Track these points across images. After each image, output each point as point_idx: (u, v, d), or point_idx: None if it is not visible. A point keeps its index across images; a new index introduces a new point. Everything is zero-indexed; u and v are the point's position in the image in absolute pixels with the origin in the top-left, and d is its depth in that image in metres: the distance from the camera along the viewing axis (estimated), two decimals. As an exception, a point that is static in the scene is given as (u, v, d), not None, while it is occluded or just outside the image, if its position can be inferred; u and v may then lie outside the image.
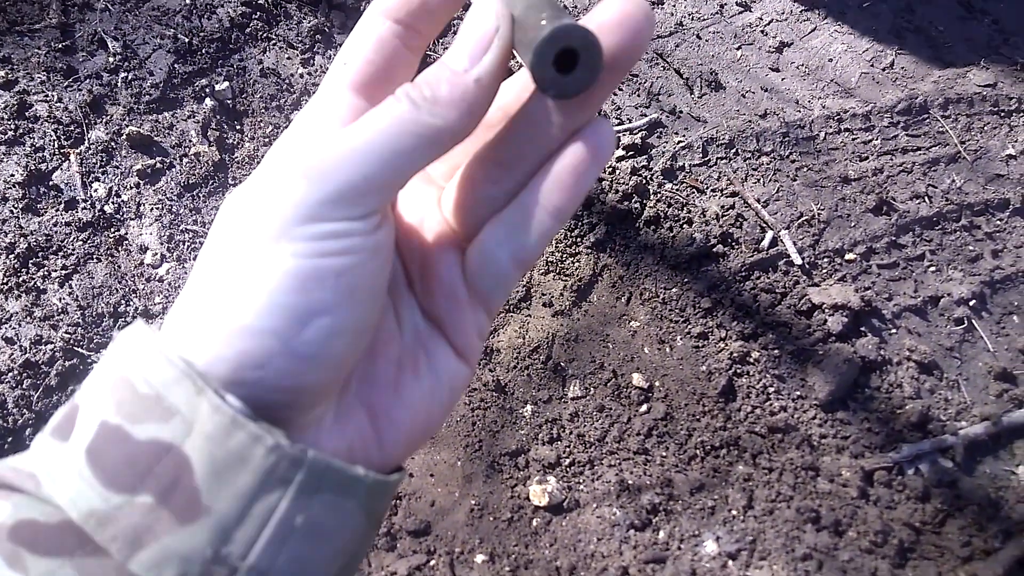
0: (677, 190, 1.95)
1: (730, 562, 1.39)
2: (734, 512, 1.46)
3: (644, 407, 1.60)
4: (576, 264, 1.79)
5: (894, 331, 1.75)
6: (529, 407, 1.59)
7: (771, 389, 1.62)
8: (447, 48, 0.35)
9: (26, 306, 1.52)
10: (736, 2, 2.39)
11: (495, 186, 0.38)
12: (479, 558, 1.37)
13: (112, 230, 1.66)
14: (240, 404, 0.32)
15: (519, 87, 0.40)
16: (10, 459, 0.34)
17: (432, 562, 1.35)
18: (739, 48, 2.31)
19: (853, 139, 2.18)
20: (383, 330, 0.39)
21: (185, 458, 0.31)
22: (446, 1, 0.35)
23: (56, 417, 0.34)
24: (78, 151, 1.73)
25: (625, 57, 0.34)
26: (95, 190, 1.69)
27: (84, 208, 1.66)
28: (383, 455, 0.38)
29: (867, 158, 2.13)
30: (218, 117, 1.85)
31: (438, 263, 0.40)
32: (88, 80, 1.82)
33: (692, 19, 2.34)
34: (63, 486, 0.31)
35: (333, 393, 0.36)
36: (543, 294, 1.74)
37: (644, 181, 1.93)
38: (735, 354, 1.65)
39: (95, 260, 1.61)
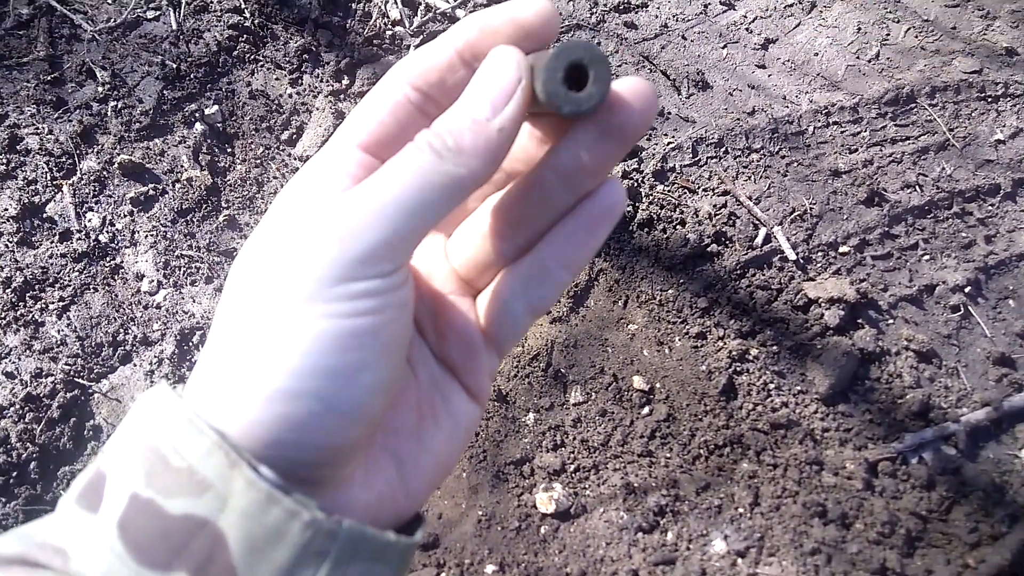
0: (669, 191, 1.96)
1: (739, 560, 1.39)
2: (741, 510, 1.46)
3: (646, 409, 1.60)
4: (572, 270, 1.79)
5: (891, 321, 1.76)
6: (531, 415, 1.60)
7: (771, 385, 1.62)
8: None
9: (25, 339, 1.53)
10: (720, 1, 2.40)
11: (506, 242, 0.39)
12: (489, 568, 1.37)
13: (107, 259, 1.66)
14: (274, 476, 0.32)
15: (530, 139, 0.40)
16: (36, 528, 0.34)
17: (442, 575, 1.35)
18: (724, 47, 2.32)
19: (842, 132, 2.19)
20: (402, 379, 0.39)
21: (220, 534, 0.31)
22: (466, 78, 0.35)
23: (80, 482, 0.34)
24: (71, 182, 1.74)
25: (632, 130, 0.35)
26: (89, 220, 1.70)
27: (79, 239, 1.67)
28: (409, 500, 0.39)
29: (856, 150, 2.14)
30: (209, 141, 1.85)
31: (451, 311, 0.41)
32: (78, 111, 1.83)
33: (677, 20, 2.35)
34: (95, 562, 0.31)
35: (367, 447, 0.37)
36: (540, 301, 1.75)
37: (635, 184, 1.94)
38: (734, 352, 1.65)
39: (92, 290, 1.62)
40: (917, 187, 2.05)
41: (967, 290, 1.83)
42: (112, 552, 0.31)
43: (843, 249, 1.87)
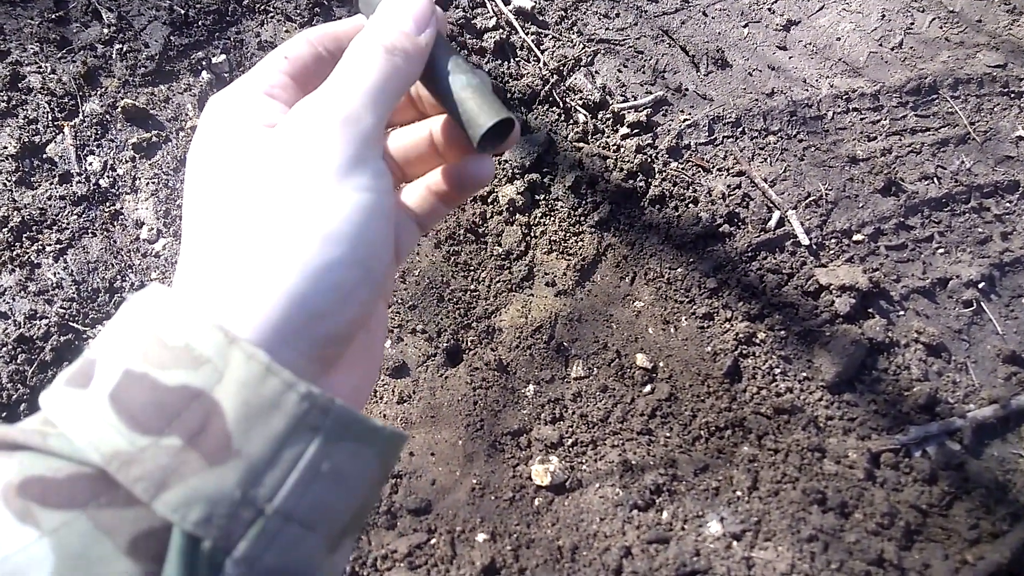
0: (682, 169, 1.92)
1: (734, 543, 1.37)
2: (739, 493, 1.44)
3: (648, 388, 1.58)
4: (579, 244, 1.76)
5: (902, 313, 1.73)
6: (531, 387, 1.57)
7: (777, 370, 1.60)
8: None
9: (20, 280, 1.49)
10: (744, -22, 2.34)
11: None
12: (480, 537, 1.35)
13: (107, 204, 1.62)
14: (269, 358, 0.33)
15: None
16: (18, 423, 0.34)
17: (433, 540, 1.33)
18: (746, 26, 2.27)
19: (861, 119, 2.15)
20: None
21: (215, 403, 0.31)
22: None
23: (67, 371, 0.34)
24: (72, 124, 1.70)
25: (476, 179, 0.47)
26: (90, 163, 1.66)
27: (79, 182, 1.63)
28: (367, 395, 0.44)
29: (875, 138, 2.10)
30: (215, 90, 1.81)
31: None
32: (82, 51, 1.78)
33: (699, -5, 2.30)
34: (84, 430, 0.31)
35: (363, 326, 0.40)
36: (546, 274, 1.71)
37: (649, 160, 1.90)
38: (741, 335, 1.62)
39: (90, 235, 1.58)
40: (935, 179, 2.01)
41: (981, 286, 1.80)
42: (104, 420, 0.31)
43: (857, 237, 1.83)
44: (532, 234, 1.76)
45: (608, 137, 1.94)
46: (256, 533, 0.31)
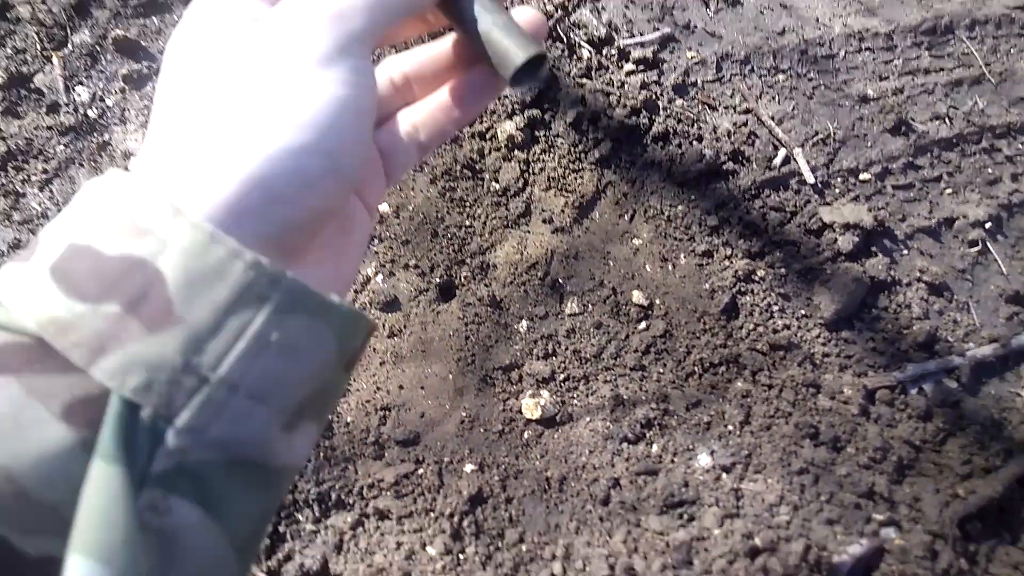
0: (688, 106, 1.87)
1: (724, 475, 1.36)
2: (730, 427, 1.42)
3: (643, 324, 1.56)
4: (579, 180, 1.72)
5: (905, 252, 1.69)
6: (524, 322, 1.55)
7: (775, 307, 1.57)
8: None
9: (4, 209, 1.48)
10: (755, -89, 2.26)
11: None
12: (468, 467, 1.35)
13: (95, 135, 1.60)
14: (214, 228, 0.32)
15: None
16: None
17: (420, 471, 1.33)
18: (757, -40, 2.19)
19: (874, 58, 2.08)
20: (369, 158, 0.45)
21: (157, 271, 0.30)
22: None
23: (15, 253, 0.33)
24: (61, 54, 1.67)
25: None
26: (78, 94, 1.64)
27: (67, 112, 1.61)
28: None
29: (887, 78, 2.03)
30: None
31: None
32: (71, -21, 1.74)
33: (708, -72, 2.22)
34: (20, 297, 0.31)
35: (330, 221, 0.39)
36: (543, 210, 1.69)
37: (654, 96, 1.85)
38: (740, 272, 1.60)
39: (77, 165, 1.56)
40: (947, 119, 1.95)
41: (987, 226, 1.76)
42: (41, 289, 0.30)
43: (864, 176, 1.79)
44: (530, 171, 1.73)
45: (612, 74, 1.89)
46: (200, 402, 0.30)
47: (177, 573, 0.31)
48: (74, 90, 1.64)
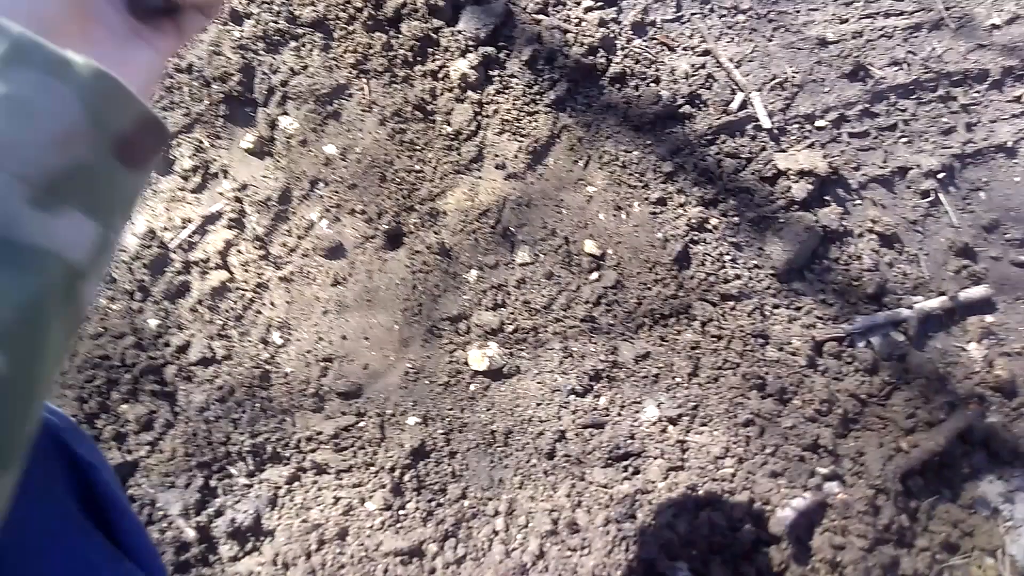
0: (646, 46, 1.80)
1: (670, 427, 1.35)
2: (678, 380, 1.41)
3: (594, 275, 1.52)
4: (533, 124, 1.66)
5: (858, 202, 1.68)
6: (474, 272, 1.51)
7: (727, 257, 1.55)
8: None
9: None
10: None
11: None
12: (411, 420, 1.32)
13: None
14: None
15: None
16: None
17: (361, 423, 1.29)
18: None
19: (835, 0, 2.03)
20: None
21: None
22: None
23: None
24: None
25: None
26: None
27: None
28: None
29: (847, 20, 1.99)
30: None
31: None
32: None
33: None
34: None
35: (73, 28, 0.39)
36: (495, 156, 1.62)
37: (612, 35, 1.77)
38: (693, 220, 1.56)
39: None
40: (905, 64, 1.92)
41: (940, 176, 1.75)
42: None
43: (820, 123, 1.75)
44: (483, 113, 1.65)
45: (570, 10, 1.80)
46: None
47: None
48: None
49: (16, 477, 0.34)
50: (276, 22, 1.63)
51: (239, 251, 1.42)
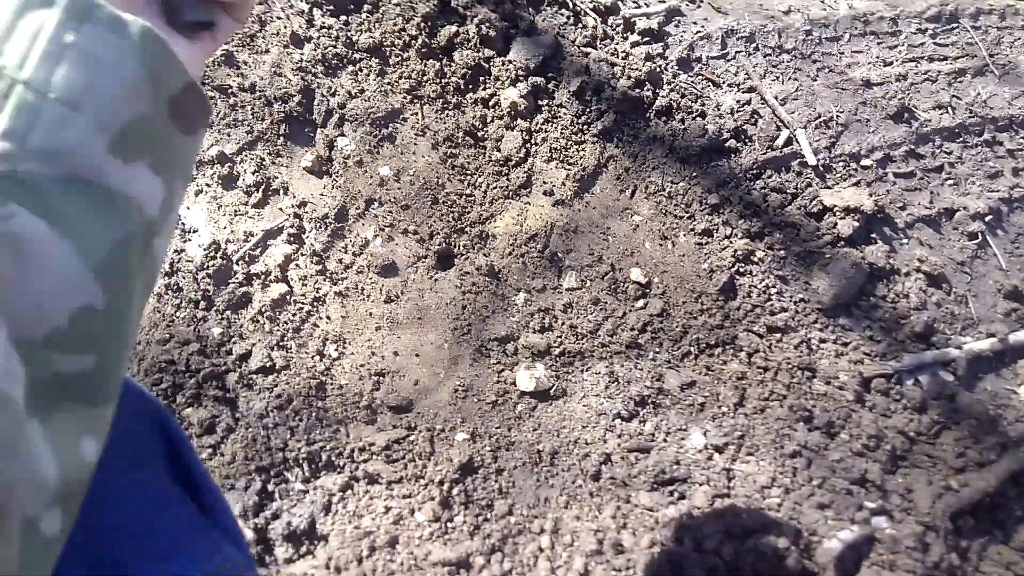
0: (692, 81, 1.84)
1: (716, 455, 1.35)
2: (724, 409, 1.42)
3: (641, 302, 1.54)
4: (581, 153, 1.69)
5: (905, 241, 1.68)
6: (522, 295, 1.53)
7: (773, 290, 1.56)
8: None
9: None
10: None
11: None
12: (460, 436, 1.33)
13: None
14: None
15: None
16: None
17: (412, 437, 1.31)
18: (768, -64, 2.15)
19: (878, 43, 2.06)
20: None
21: None
22: None
23: None
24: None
25: None
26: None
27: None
28: None
29: (891, 63, 2.02)
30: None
31: None
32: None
33: (721, -99, 2.17)
34: None
35: None
36: (544, 182, 1.65)
37: (658, 69, 1.82)
38: (739, 252, 1.58)
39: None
40: (949, 108, 1.94)
41: (988, 219, 1.75)
42: None
43: (865, 162, 1.77)
44: (532, 141, 1.69)
45: (617, 44, 1.85)
46: (14, 106, 0.32)
47: (33, 282, 0.32)
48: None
49: (112, 412, 0.37)
50: (335, 47, 1.69)
51: (298, 265, 1.46)
